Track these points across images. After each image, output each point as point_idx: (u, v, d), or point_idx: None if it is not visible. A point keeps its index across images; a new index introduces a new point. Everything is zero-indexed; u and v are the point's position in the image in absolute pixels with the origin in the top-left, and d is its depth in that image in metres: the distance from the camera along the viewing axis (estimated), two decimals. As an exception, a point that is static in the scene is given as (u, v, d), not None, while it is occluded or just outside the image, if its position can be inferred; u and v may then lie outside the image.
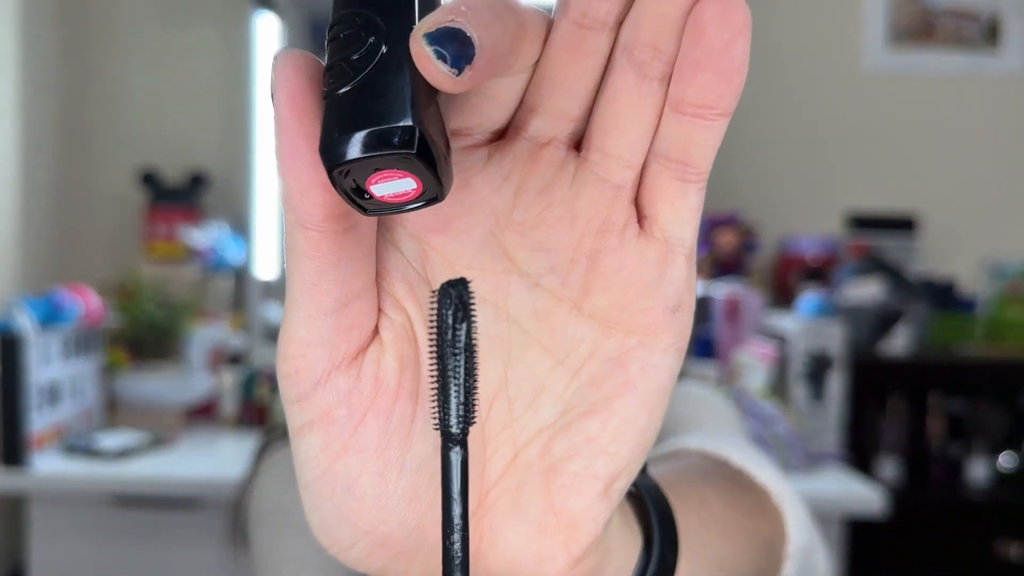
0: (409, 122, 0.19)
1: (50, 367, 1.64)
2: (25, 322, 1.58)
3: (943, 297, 2.22)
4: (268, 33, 2.30)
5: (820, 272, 2.24)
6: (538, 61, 0.23)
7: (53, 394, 1.66)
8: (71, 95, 2.24)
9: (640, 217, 0.25)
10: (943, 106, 2.40)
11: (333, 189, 0.21)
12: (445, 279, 0.24)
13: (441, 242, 0.25)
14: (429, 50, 0.19)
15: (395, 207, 0.21)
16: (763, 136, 2.37)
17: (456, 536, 0.21)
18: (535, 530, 0.26)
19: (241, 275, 2.20)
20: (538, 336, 0.25)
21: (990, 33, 2.38)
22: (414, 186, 0.20)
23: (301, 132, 0.21)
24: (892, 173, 2.41)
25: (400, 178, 0.20)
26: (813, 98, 2.39)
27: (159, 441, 1.75)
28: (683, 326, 0.25)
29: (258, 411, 1.93)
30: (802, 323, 1.86)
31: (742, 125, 2.37)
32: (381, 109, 0.19)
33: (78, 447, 1.66)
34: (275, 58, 0.22)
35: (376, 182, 0.20)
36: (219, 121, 2.27)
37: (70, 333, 1.71)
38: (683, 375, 0.85)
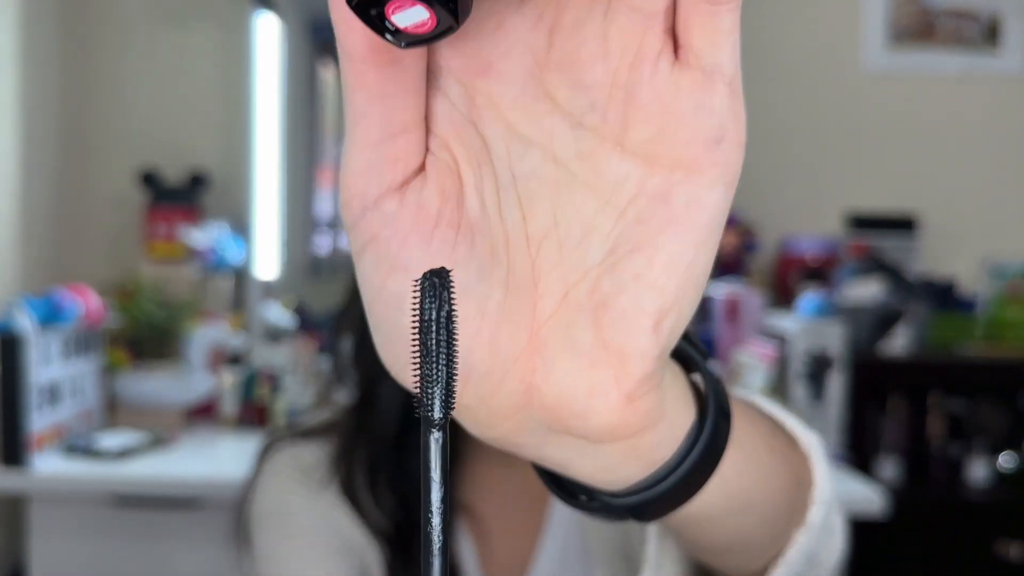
0: None
1: (50, 367, 1.64)
2: (25, 322, 1.58)
3: (943, 297, 2.23)
4: (268, 33, 2.30)
5: (820, 272, 2.25)
6: None
7: (53, 394, 1.66)
8: (71, 95, 2.24)
9: (676, 47, 0.24)
10: (943, 106, 2.41)
11: None
12: (490, 121, 0.25)
13: (484, 85, 0.25)
14: None
15: (418, 38, 0.22)
16: (763, 136, 2.37)
17: (436, 520, 0.21)
18: (587, 363, 0.26)
19: (241, 275, 2.20)
20: (584, 176, 0.26)
21: (990, 33, 2.38)
22: (427, 15, 0.21)
23: None
24: (892, 173, 2.41)
25: (411, 7, 0.21)
26: (813, 98, 2.39)
27: (159, 441, 1.75)
28: (728, 159, 0.25)
29: (258, 411, 1.93)
30: (802, 323, 1.86)
31: (742, 125, 2.37)
32: None
33: (78, 447, 1.66)
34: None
35: (395, 11, 0.21)
36: (219, 121, 2.27)
37: (70, 333, 1.71)
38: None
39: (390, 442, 0.75)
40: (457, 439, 0.76)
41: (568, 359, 0.26)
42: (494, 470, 0.79)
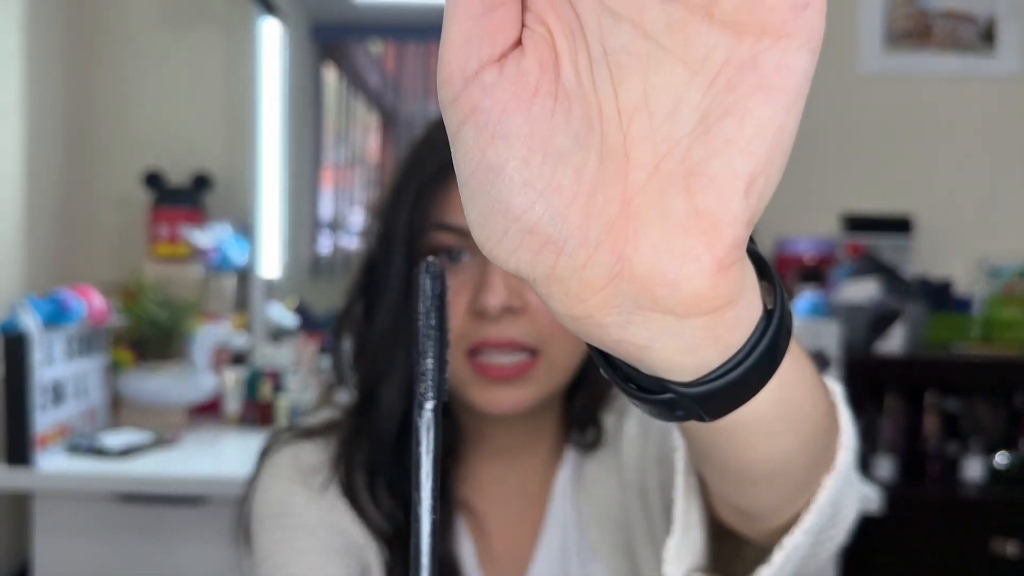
0: None
1: (54, 366, 1.65)
2: (30, 322, 1.59)
3: (939, 297, 2.24)
4: (271, 36, 2.32)
5: (816, 272, 2.26)
6: None
7: (57, 393, 1.67)
8: (76, 97, 2.25)
9: None
10: (939, 108, 2.42)
11: None
12: None
13: None
14: None
15: None
16: (761, 137, 2.38)
17: (427, 489, 0.23)
18: (679, 230, 0.27)
19: (244, 275, 2.21)
20: (673, 48, 0.26)
21: (986, 35, 2.39)
22: None
23: None
24: (888, 174, 2.42)
25: None
26: (810, 100, 2.35)
27: (162, 440, 1.76)
28: (813, 24, 0.26)
29: (261, 410, 1.94)
30: (799, 323, 1.87)
31: (740, 126, 2.38)
32: None
33: (82, 446, 1.67)
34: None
35: None
36: (223, 123, 2.28)
37: (74, 333, 1.72)
38: None
39: (390, 443, 0.75)
40: (457, 438, 0.78)
41: (660, 227, 0.27)
42: (493, 468, 0.79)
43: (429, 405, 0.22)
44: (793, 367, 0.38)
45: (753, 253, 0.33)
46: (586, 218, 0.27)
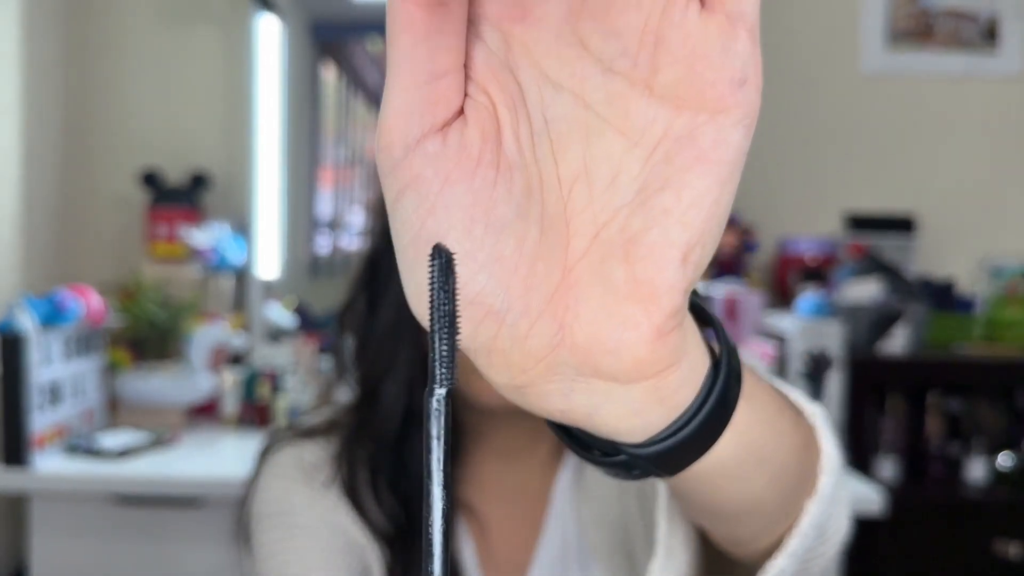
0: None
1: (52, 367, 1.65)
2: (27, 322, 1.59)
3: (941, 297, 2.23)
4: (269, 34, 2.31)
5: (819, 272, 2.25)
6: None
7: (55, 394, 1.66)
8: (73, 95, 2.24)
9: None
10: (941, 107, 2.41)
11: None
12: (526, 66, 0.26)
13: (521, 31, 0.26)
14: None
15: None
16: (762, 136, 2.37)
17: (437, 478, 0.22)
18: (619, 298, 0.27)
19: (242, 275, 2.20)
20: (613, 119, 0.27)
21: (988, 34, 2.39)
22: None
23: None
24: (891, 174, 2.42)
25: None
26: (812, 98, 2.39)
27: (160, 441, 1.75)
28: (750, 101, 0.26)
29: (259, 411, 1.93)
30: (801, 323, 1.87)
31: (741, 126, 2.37)
32: None
33: (79, 447, 1.67)
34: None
35: None
36: (220, 122, 2.28)
37: (72, 333, 1.72)
38: None
39: (391, 441, 0.75)
40: (459, 438, 0.77)
41: (600, 296, 0.27)
42: (494, 469, 0.79)
43: (441, 391, 0.22)
44: (751, 411, 0.37)
45: (696, 306, 0.34)
46: (528, 288, 0.27)
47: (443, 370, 0.22)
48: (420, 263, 0.27)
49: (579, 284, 0.28)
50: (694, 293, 0.32)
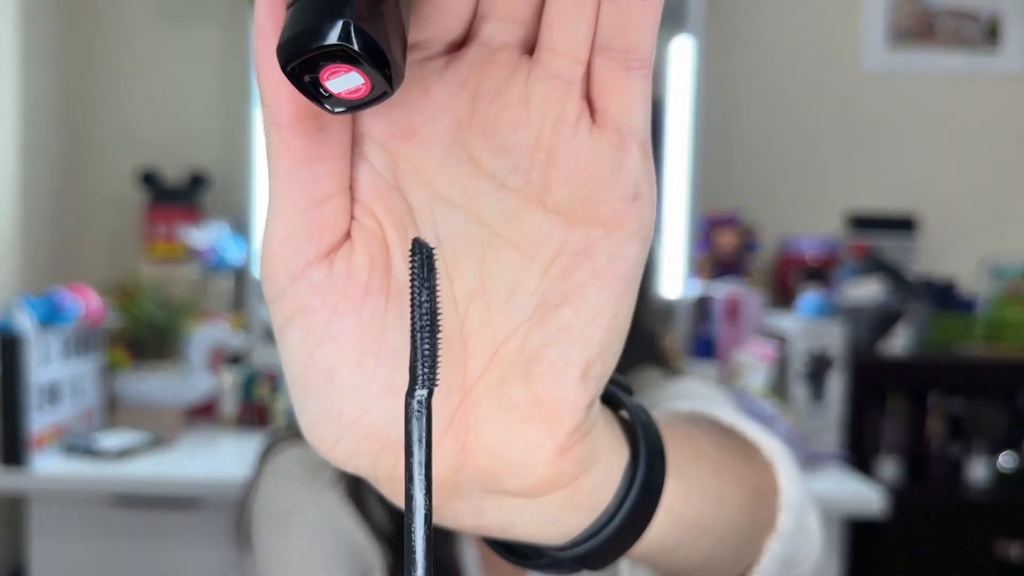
0: (346, 17, 0.20)
1: (50, 367, 1.64)
2: (25, 322, 1.58)
3: (943, 297, 2.23)
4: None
5: (820, 272, 2.24)
6: None
7: (53, 394, 1.66)
8: (71, 94, 2.24)
9: (592, 111, 0.26)
10: (943, 106, 2.40)
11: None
12: (415, 185, 0.26)
13: (409, 150, 0.25)
14: None
15: (354, 103, 0.22)
16: (763, 136, 2.37)
17: (420, 482, 0.22)
18: (519, 418, 0.27)
19: (241, 275, 2.20)
20: (508, 236, 0.26)
21: (990, 33, 2.38)
22: (362, 81, 0.21)
23: (274, 33, 0.22)
24: (892, 173, 2.41)
25: (347, 73, 0.21)
26: (813, 98, 2.39)
27: (159, 441, 1.75)
28: (645, 215, 0.26)
29: (258, 411, 1.93)
30: (802, 323, 1.86)
31: (742, 125, 2.37)
32: (325, 8, 0.21)
33: (78, 447, 1.66)
34: None
35: (328, 78, 0.21)
36: (219, 121, 2.27)
37: (70, 333, 1.71)
38: (683, 372, 0.85)
39: None
40: None
41: (500, 416, 0.27)
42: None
43: (423, 392, 0.22)
44: (684, 488, 0.36)
45: (619, 391, 0.33)
46: None
47: (425, 370, 0.22)
48: (311, 395, 0.26)
49: (479, 405, 0.27)
50: (617, 383, 0.32)
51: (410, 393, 0.22)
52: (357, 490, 0.74)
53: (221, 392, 1.93)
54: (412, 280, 0.22)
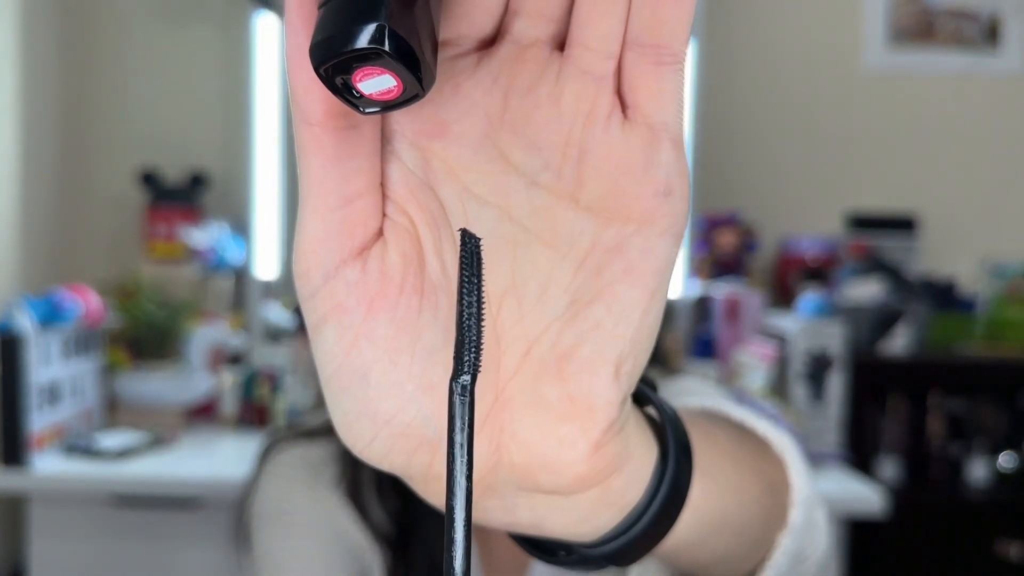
0: (380, 20, 0.20)
1: (50, 367, 1.64)
2: (25, 322, 1.58)
3: (943, 297, 2.23)
4: (268, 33, 2.30)
5: (820, 272, 2.24)
6: None
7: (53, 394, 1.66)
8: (71, 94, 2.24)
9: (624, 107, 0.26)
10: (943, 106, 2.40)
11: None
12: (447, 182, 0.26)
13: (440, 147, 0.25)
14: None
15: (386, 104, 0.22)
16: (763, 136, 2.37)
17: (461, 463, 0.22)
18: (553, 417, 0.27)
19: (241, 275, 2.20)
20: (540, 233, 0.26)
21: (990, 33, 2.38)
22: (394, 83, 0.21)
23: (306, 32, 0.22)
24: (892, 173, 2.41)
25: (379, 75, 0.21)
26: (813, 98, 2.39)
27: (159, 441, 1.75)
28: (677, 210, 0.26)
29: (258, 411, 1.93)
30: (802, 323, 1.86)
31: (742, 125, 2.37)
32: (359, 10, 0.21)
33: (78, 447, 1.66)
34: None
35: (360, 79, 0.21)
36: (219, 121, 2.27)
37: (70, 333, 1.71)
38: (682, 372, 0.85)
39: None
40: None
41: (534, 414, 0.27)
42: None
43: (467, 377, 0.22)
44: (707, 485, 0.37)
45: (646, 388, 0.33)
46: None
47: (469, 356, 0.22)
48: (346, 394, 0.26)
49: (512, 403, 0.27)
50: (641, 380, 0.32)
51: (455, 378, 0.22)
52: (357, 491, 0.74)
53: (221, 392, 1.93)
54: (460, 269, 0.22)
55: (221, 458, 1.73)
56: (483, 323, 0.22)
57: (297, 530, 0.73)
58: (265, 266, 2.30)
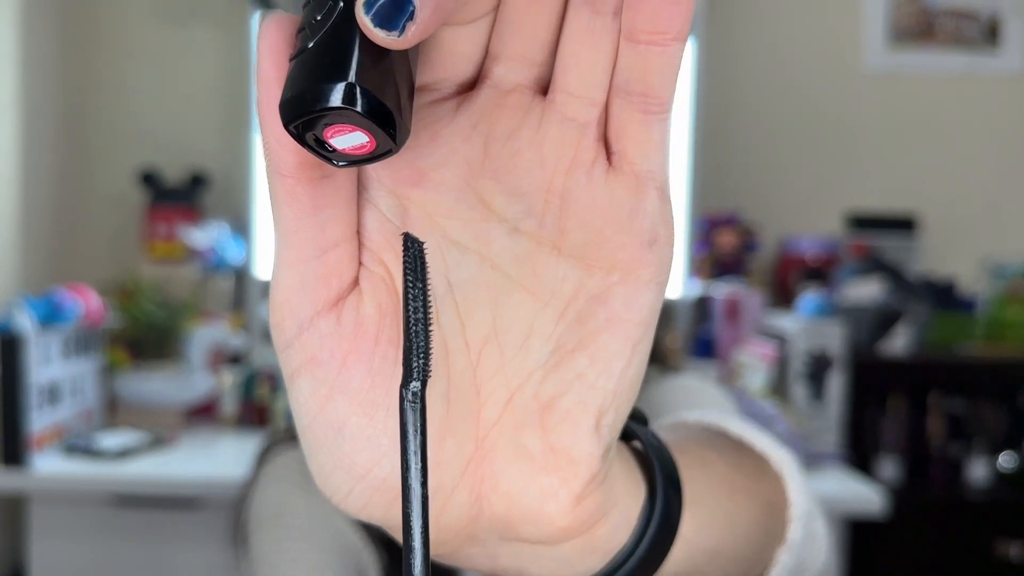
0: (350, 79, 0.20)
1: (50, 367, 1.64)
2: (25, 322, 1.58)
3: (943, 297, 2.22)
4: (268, 33, 2.30)
5: (820, 272, 2.24)
6: (498, 7, 0.24)
7: (53, 394, 1.66)
8: (71, 94, 2.24)
9: (609, 153, 0.25)
10: (943, 106, 2.40)
11: None
12: (425, 230, 0.25)
13: (418, 195, 0.25)
14: (367, 18, 0.20)
15: (359, 159, 0.22)
16: (763, 136, 2.37)
17: (415, 472, 0.22)
18: (535, 468, 0.26)
19: (241, 275, 2.20)
20: (522, 280, 0.26)
21: (990, 33, 2.38)
22: (367, 139, 0.21)
23: (277, 85, 0.22)
24: (892, 173, 2.41)
25: (351, 132, 0.21)
26: (813, 98, 2.39)
27: (159, 441, 1.75)
28: (662, 259, 0.25)
29: (258, 411, 1.93)
30: (802, 323, 1.86)
31: (742, 125, 2.37)
32: (329, 67, 0.20)
33: (78, 447, 1.66)
34: (262, 17, 0.23)
35: (332, 136, 0.21)
36: (219, 121, 2.27)
37: (70, 333, 1.71)
38: (681, 370, 0.85)
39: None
40: None
41: (516, 465, 0.26)
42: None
43: (417, 384, 0.22)
44: (698, 515, 0.36)
45: (633, 424, 0.33)
46: (438, 465, 0.26)
47: (418, 362, 0.22)
48: (321, 448, 0.26)
49: (493, 453, 0.26)
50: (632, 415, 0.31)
51: (404, 385, 0.22)
52: None
53: (221, 392, 1.93)
54: (405, 274, 0.22)
55: (221, 458, 1.73)
56: (431, 328, 0.22)
57: (294, 532, 0.73)
58: (265, 266, 2.30)
